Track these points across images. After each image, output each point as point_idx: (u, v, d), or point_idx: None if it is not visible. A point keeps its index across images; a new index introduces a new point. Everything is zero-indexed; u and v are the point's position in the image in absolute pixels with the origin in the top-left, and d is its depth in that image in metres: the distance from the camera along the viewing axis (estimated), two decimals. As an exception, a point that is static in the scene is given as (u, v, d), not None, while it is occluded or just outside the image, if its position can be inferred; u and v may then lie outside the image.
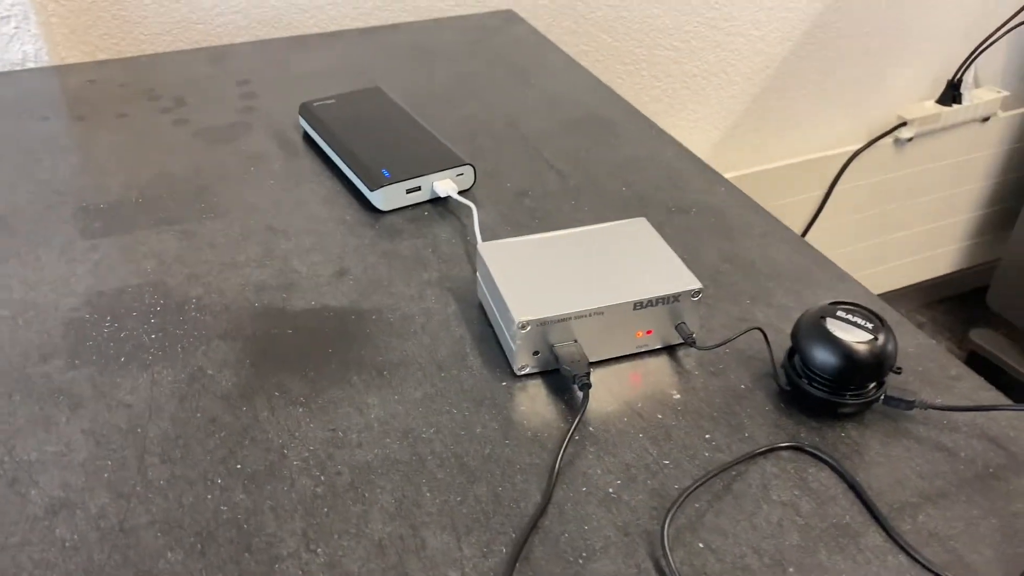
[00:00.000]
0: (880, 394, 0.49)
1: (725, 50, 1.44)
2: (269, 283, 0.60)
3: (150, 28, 1.06)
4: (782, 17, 1.45)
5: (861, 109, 1.61)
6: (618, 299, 0.51)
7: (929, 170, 1.71)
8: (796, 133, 1.59)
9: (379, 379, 0.52)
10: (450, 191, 0.68)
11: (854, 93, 1.59)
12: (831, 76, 1.55)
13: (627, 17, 1.33)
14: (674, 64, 1.41)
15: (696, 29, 1.39)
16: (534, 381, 0.52)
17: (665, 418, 0.50)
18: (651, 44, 1.37)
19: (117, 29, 1.05)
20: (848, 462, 0.47)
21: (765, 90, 1.52)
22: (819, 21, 1.49)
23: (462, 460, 0.47)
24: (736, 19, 1.41)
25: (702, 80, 1.45)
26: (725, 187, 0.72)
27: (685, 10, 1.37)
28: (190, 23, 1.07)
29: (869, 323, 0.49)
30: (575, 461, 0.47)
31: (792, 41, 1.49)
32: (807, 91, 1.55)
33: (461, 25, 1.03)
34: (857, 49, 1.54)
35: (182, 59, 0.93)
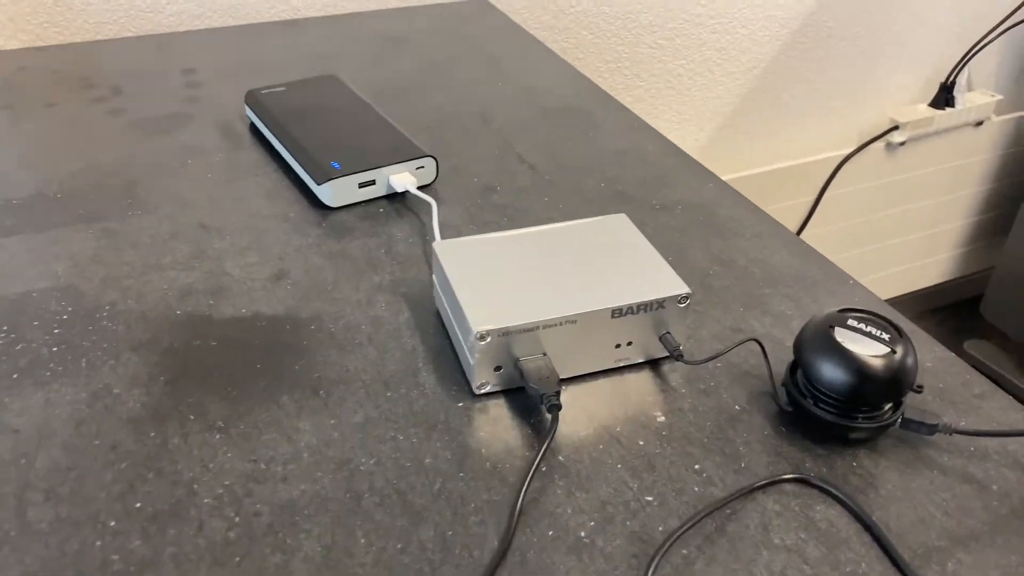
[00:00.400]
0: (897, 417, 0.42)
1: (711, 48, 1.37)
2: (196, 287, 0.52)
3: (95, 16, 0.98)
4: (770, 15, 1.39)
5: (852, 112, 1.56)
6: (593, 305, 0.44)
7: (922, 175, 1.65)
8: (785, 136, 1.53)
9: (314, 399, 0.45)
10: (408, 185, 0.60)
11: (845, 95, 1.53)
12: (821, 77, 1.49)
13: (609, 13, 1.27)
14: (657, 63, 1.35)
15: (681, 26, 1.33)
16: (496, 401, 0.45)
17: (648, 445, 0.43)
18: (633, 41, 1.31)
19: (60, 16, 0.97)
20: (862, 497, 0.40)
21: (752, 91, 1.45)
22: (809, 20, 1.43)
23: (406, 497, 0.39)
24: (722, 16, 1.35)
25: (687, 79, 1.38)
26: (714, 183, 0.65)
27: (670, 6, 1.30)
28: (139, 11, 1.00)
29: (885, 333, 0.42)
30: (541, 498, 0.40)
31: (781, 40, 1.43)
32: (796, 92, 1.49)
33: (431, 13, 0.96)
34: (848, 50, 1.48)
35: (125, 46, 0.85)
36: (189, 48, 0.85)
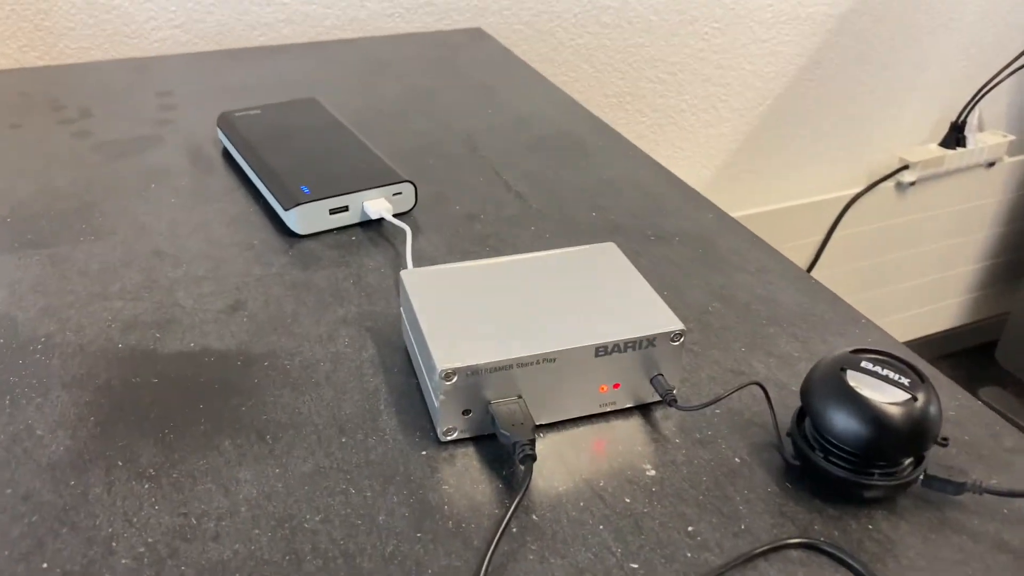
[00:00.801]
0: (918, 473, 0.37)
1: (715, 84, 1.34)
2: (142, 319, 0.48)
3: (77, 41, 0.95)
4: (776, 51, 1.36)
5: (861, 151, 1.52)
6: (574, 342, 0.39)
7: (932, 217, 1.61)
8: (791, 175, 1.49)
9: (258, 446, 0.40)
10: (384, 212, 0.56)
11: (853, 133, 1.49)
12: (829, 115, 1.46)
13: (609, 46, 1.23)
14: (660, 98, 1.31)
15: (684, 61, 1.29)
16: (464, 450, 0.40)
17: (635, 503, 0.37)
18: (635, 76, 1.27)
19: (40, 41, 0.94)
20: (879, 566, 0.35)
21: (758, 128, 1.42)
22: (816, 57, 1.39)
23: (353, 561, 0.34)
24: (727, 52, 1.32)
25: (690, 116, 1.35)
26: (714, 214, 0.60)
27: (672, 41, 1.27)
28: (123, 36, 0.96)
29: (904, 378, 0.36)
30: (510, 564, 0.34)
31: (787, 77, 1.40)
32: (803, 130, 1.45)
33: (422, 41, 0.93)
34: (856, 87, 1.45)
35: (100, 69, 0.82)
36: (168, 71, 0.82)
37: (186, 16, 0.98)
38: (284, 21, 1.03)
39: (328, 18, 1.05)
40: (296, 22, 1.04)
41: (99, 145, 0.67)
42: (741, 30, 1.31)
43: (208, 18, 0.99)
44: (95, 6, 0.94)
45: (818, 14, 1.36)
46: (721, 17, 1.29)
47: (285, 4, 1.02)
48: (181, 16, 0.98)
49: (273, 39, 1.02)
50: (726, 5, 1.28)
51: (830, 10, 1.36)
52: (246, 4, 1.00)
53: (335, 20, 1.05)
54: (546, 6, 1.16)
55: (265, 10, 1.01)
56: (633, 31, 1.24)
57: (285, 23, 1.03)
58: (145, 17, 0.96)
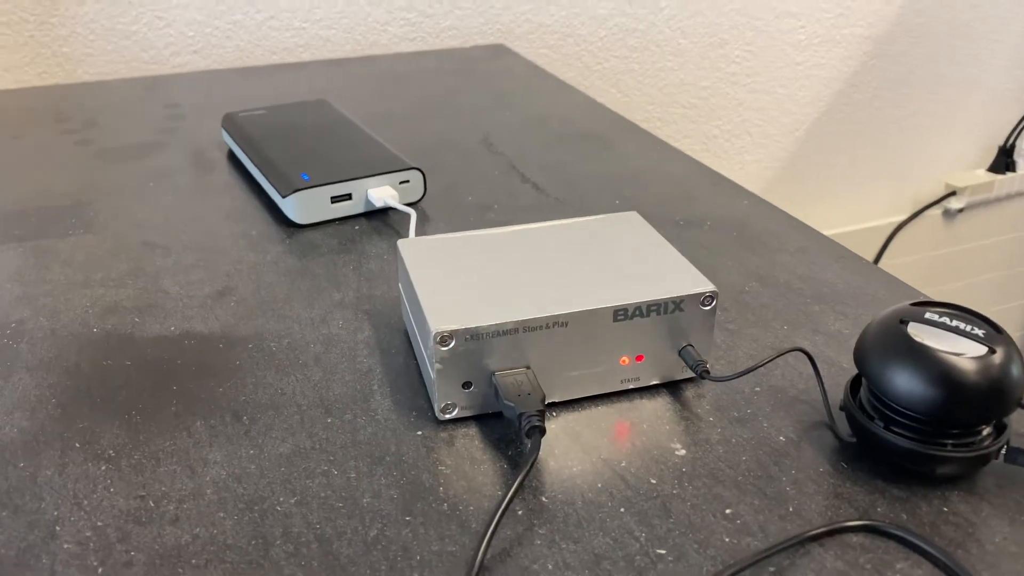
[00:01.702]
0: (999, 444, 0.31)
1: (748, 109, 1.30)
2: (123, 304, 0.44)
3: (96, 66, 0.94)
4: (811, 75, 1.32)
5: (904, 177, 1.46)
6: (590, 304, 0.34)
7: (983, 247, 1.53)
8: (830, 203, 1.43)
9: (233, 427, 0.35)
10: (389, 200, 0.52)
11: (896, 159, 1.44)
12: (869, 140, 1.40)
13: (637, 70, 1.20)
14: (691, 123, 1.27)
15: (715, 85, 1.26)
16: (465, 429, 0.35)
17: (662, 484, 0.32)
18: (665, 101, 1.24)
19: (58, 67, 0.93)
20: (961, 553, 0.29)
21: (795, 154, 1.37)
22: (853, 80, 1.35)
23: (330, 547, 0.29)
24: (759, 75, 1.28)
25: (723, 141, 1.31)
26: (748, 200, 0.55)
27: (702, 64, 1.24)
28: (141, 62, 0.96)
29: (978, 329, 0.31)
30: (514, 550, 0.29)
31: (824, 101, 1.35)
32: (843, 156, 1.40)
33: (442, 57, 0.90)
34: (897, 112, 1.40)
35: (109, 86, 0.80)
36: (179, 87, 0.80)
37: (204, 41, 0.97)
38: (303, 46, 1.02)
39: (348, 43, 1.04)
40: (315, 47, 1.02)
41: (100, 152, 0.64)
42: (774, 53, 1.27)
43: (227, 43, 0.98)
44: (114, 32, 0.93)
45: (853, 36, 1.32)
46: (752, 40, 1.25)
47: (303, 29, 1.01)
48: (199, 41, 0.97)
49: (289, 60, 1.00)
50: (757, 27, 1.24)
51: (866, 32, 1.32)
52: (265, 30, 0.99)
53: (355, 45, 1.04)
54: (571, 29, 1.14)
55: (284, 35, 1.00)
56: (662, 54, 1.21)
57: (304, 48, 1.02)
58: (164, 43, 0.96)
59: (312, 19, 1.01)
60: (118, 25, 0.93)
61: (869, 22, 1.32)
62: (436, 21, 1.07)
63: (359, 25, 1.04)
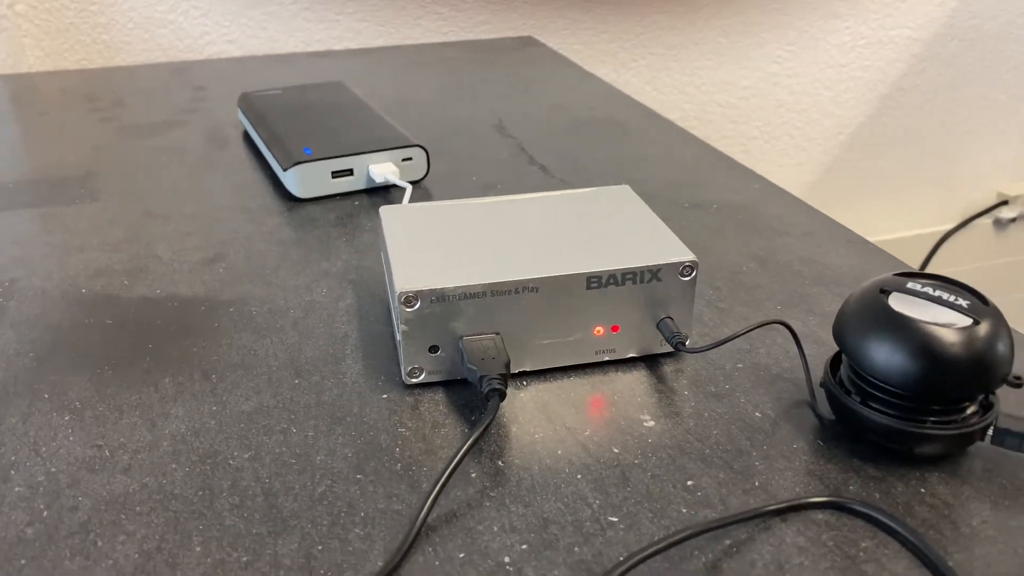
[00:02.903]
0: (985, 422, 0.29)
1: (790, 111, 1.27)
2: (113, 268, 0.44)
3: (133, 55, 0.96)
4: (856, 77, 1.28)
5: (953, 184, 1.41)
6: (562, 269, 0.34)
7: (1037, 259, 1.48)
8: (875, 209, 1.39)
9: (200, 384, 0.35)
10: (390, 177, 0.52)
11: (944, 166, 1.39)
12: (916, 146, 1.36)
13: (674, 68, 1.19)
14: (730, 123, 1.25)
15: (755, 85, 1.23)
16: (431, 395, 0.34)
17: (624, 453, 0.31)
18: (702, 100, 1.22)
19: (97, 55, 0.96)
20: (933, 535, 0.27)
21: (838, 159, 1.34)
22: (901, 84, 1.31)
23: (275, 500, 0.29)
24: (801, 76, 1.25)
25: (763, 143, 1.28)
26: (760, 184, 0.54)
27: (742, 63, 1.21)
28: (177, 51, 0.97)
29: (962, 300, 0.29)
30: (462, 511, 0.28)
31: (869, 105, 1.32)
32: (888, 162, 1.36)
33: (470, 47, 0.90)
34: (946, 116, 1.36)
35: (141, 70, 0.82)
36: (208, 71, 0.81)
37: (240, 31, 0.98)
38: (336, 38, 1.03)
39: (381, 36, 1.04)
40: (348, 39, 1.03)
41: (121, 128, 0.65)
42: (817, 54, 1.24)
43: (261, 34, 0.99)
44: (151, 21, 0.95)
45: (901, 38, 1.28)
46: (794, 40, 1.22)
47: (337, 21, 1.02)
48: (235, 31, 0.98)
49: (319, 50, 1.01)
50: (799, 28, 1.22)
51: (914, 34, 1.29)
52: (299, 20, 1.00)
53: (388, 38, 1.04)
54: (607, 26, 1.13)
55: (317, 27, 1.01)
56: (700, 53, 1.19)
57: (337, 40, 1.03)
58: (199, 32, 0.97)
59: (346, 11, 1.01)
60: (155, 14, 0.94)
61: (918, 24, 1.29)
62: (469, 16, 1.07)
63: (393, 18, 1.04)
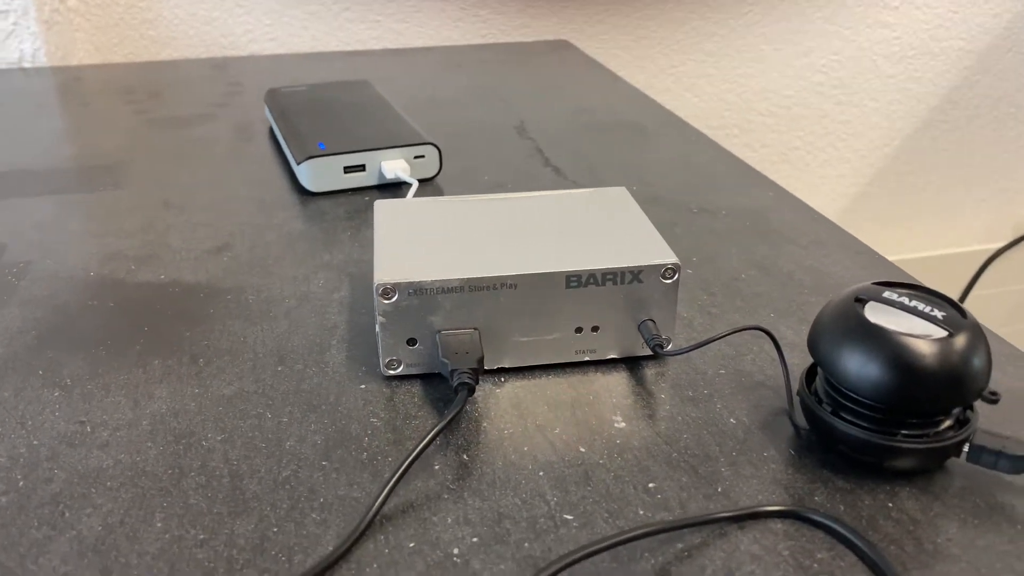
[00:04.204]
0: (959, 438, 0.28)
1: (834, 121, 1.25)
2: (125, 254, 0.45)
3: (179, 50, 0.99)
4: (905, 88, 1.26)
5: (1005, 201, 1.37)
6: (541, 267, 0.34)
7: (1093, 281, 1.42)
8: (921, 224, 1.36)
9: (188, 367, 0.36)
10: (401, 174, 0.52)
11: (996, 182, 1.35)
12: (967, 161, 1.33)
13: (714, 75, 1.18)
14: (771, 132, 1.23)
15: (798, 94, 1.22)
16: (408, 387, 0.34)
17: (591, 453, 0.31)
18: (743, 107, 1.20)
19: (144, 50, 0.98)
20: (894, 550, 0.26)
21: (883, 172, 1.31)
22: (952, 97, 1.28)
23: (240, 482, 0.29)
24: (847, 86, 1.23)
25: (805, 154, 1.26)
26: (775, 192, 0.53)
27: (785, 72, 1.20)
28: (220, 47, 1.00)
29: (938, 311, 0.28)
30: (419, 501, 0.28)
31: (917, 118, 1.29)
32: (936, 177, 1.33)
33: (505, 49, 0.91)
34: (999, 131, 1.32)
35: (180, 65, 0.84)
36: (246, 68, 0.83)
37: (281, 30, 1.00)
38: (376, 38, 1.04)
39: (420, 37, 1.05)
40: (388, 40, 1.04)
41: (153, 120, 0.67)
42: (864, 64, 1.22)
43: (303, 33, 1.01)
44: (196, 17, 0.98)
45: (952, 49, 1.25)
46: (840, 49, 1.20)
47: (378, 22, 1.03)
48: (277, 30, 1.00)
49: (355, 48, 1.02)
50: (845, 37, 1.20)
51: (967, 45, 1.25)
52: (340, 20, 1.02)
53: (428, 39, 1.05)
54: (647, 31, 1.12)
55: (358, 27, 1.03)
56: (742, 60, 1.18)
57: (377, 40, 1.04)
58: (242, 30, 0.99)
59: (386, 12, 1.03)
60: (200, 11, 0.97)
61: (971, 35, 1.25)
62: (509, 18, 1.07)
63: (432, 20, 1.05)
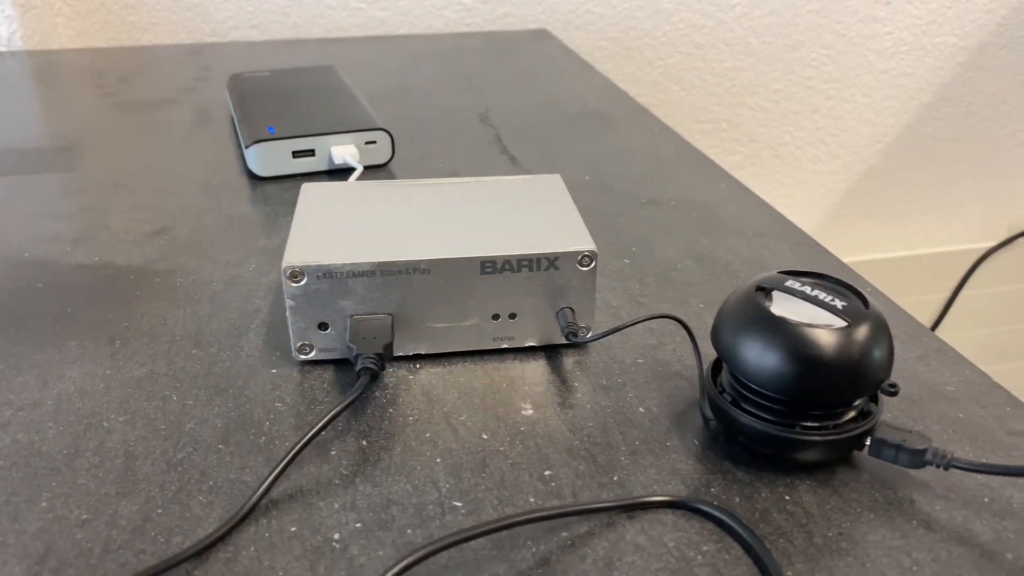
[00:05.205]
0: (862, 429, 0.28)
1: (825, 116, 1.24)
2: (63, 235, 0.45)
3: (159, 36, 0.99)
4: (896, 84, 1.24)
5: (998, 199, 1.36)
6: (456, 252, 0.33)
7: (1087, 282, 1.41)
8: (914, 222, 1.35)
9: (103, 348, 0.35)
10: (350, 159, 0.52)
11: (989, 180, 1.34)
12: (960, 158, 1.31)
13: (703, 68, 1.17)
14: (760, 127, 1.22)
15: (788, 88, 1.20)
16: (320, 372, 0.34)
17: (493, 440, 0.30)
18: (732, 101, 1.19)
19: (126, 35, 0.98)
20: (783, 543, 0.26)
21: (876, 168, 1.29)
22: (944, 93, 1.27)
23: (133, 463, 0.29)
24: (837, 81, 1.22)
25: (795, 149, 1.25)
26: (727, 183, 0.52)
27: (774, 65, 1.19)
28: (202, 34, 0.99)
29: (839, 300, 0.28)
30: (309, 485, 0.28)
31: (909, 114, 1.27)
32: (929, 174, 1.32)
33: (483, 38, 0.90)
34: (994, 129, 1.30)
35: (155, 51, 0.84)
36: (219, 54, 0.82)
37: (263, 17, 1.00)
38: (359, 26, 1.03)
39: (403, 25, 1.05)
40: (371, 28, 1.04)
41: (118, 104, 0.67)
42: (854, 59, 1.21)
43: (284, 19, 1.01)
44: (178, 3, 0.97)
45: (946, 44, 1.24)
46: (831, 44, 1.19)
47: (360, 9, 1.03)
48: (258, 17, 1.00)
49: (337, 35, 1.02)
50: (836, 31, 1.18)
51: (961, 41, 1.24)
52: (322, 7, 1.01)
53: (410, 27, 1.05)
54: (634, 22, 1.12)
55: (340, 14, 1.02)
56: (731, 53, 1.17)
57: (360, 28, 1.04)
58: (223, 16, 0.99)
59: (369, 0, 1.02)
60: (180, -4, 0.97)
61: (965, 31, 1.24)
62: (492, 8, 1.06)
63: (415, 8, 1.05)
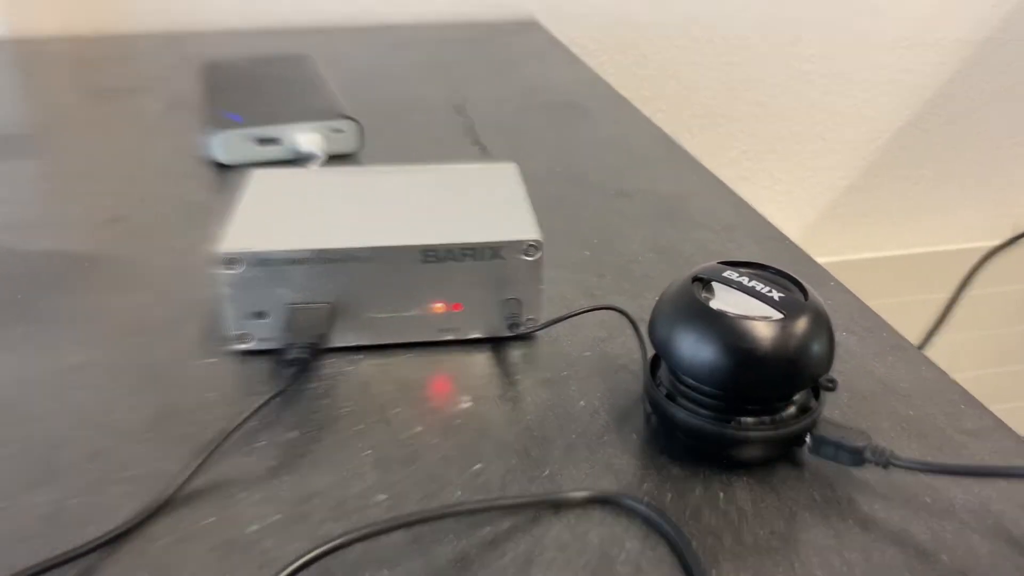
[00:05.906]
0: (800, 426, 0.27)
1: (823, 111, 1.22)
2: (20, 222, 0.45)
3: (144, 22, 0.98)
4: (896, 79, 1.23)
5: (1002, 198, 1.34)
6: (396, 240, 0.32)
7: (1092, 282, 1.39)
8: (915, 220, 1.33)
9: (43, 336, 0.35)
10: (315, 148, 0.51)
11: (993, 178, 1.32)
12: (962, 156, 1.30)
13: (700, 63, 1.15)
14: (757, 122, 1.21)
15: (785, 83, 1.19)
16: (258, 363, 0.33)
17: (426, 433, 0.29)
18: (728, 96, 1.18)
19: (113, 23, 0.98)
20: (711, 540, 0.25)
21: (875, 165, 1.28)
22: (946, 90, 1.25)
23: (50, 456, 0.28)
24: (836, 76, 1.20)
25: (792, 144, 1.23)
26: (700, 176, 0.51)
27: (772, 60, 1.17)
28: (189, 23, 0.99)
29: (778, 292, 0.27)
30: (233, 476, 0.27)
31: (910, 110, 1.26)
32: (931, 171, 1.30)
33: (469, 28, 0.89)
34: (998, 126, 1.28)
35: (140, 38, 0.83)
36: (204, 43, 0.82)
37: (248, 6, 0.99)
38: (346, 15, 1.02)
39: (398, 14, 1.04)
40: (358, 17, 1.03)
41: (90, 92, 0.66)
42: (853, 54, 1.19)
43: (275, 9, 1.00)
44: (167, -6, 0.97)
45: (948, 40, 1.22)
46: (831, 37, 1.18)
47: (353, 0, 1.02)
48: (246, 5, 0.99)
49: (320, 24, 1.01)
50: (836, 25, 1.17)
51: (965, 36, 1.22)
52: (313, -1, 1.01)
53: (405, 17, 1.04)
54: (627, 15, 1.10)
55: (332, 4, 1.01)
56: (728, 48, 1.15)
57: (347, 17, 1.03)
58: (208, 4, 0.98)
59: (358, -10, 1.01)
60: (168, -15, 0.96)
61: (970, 26, 1.22)
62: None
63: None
